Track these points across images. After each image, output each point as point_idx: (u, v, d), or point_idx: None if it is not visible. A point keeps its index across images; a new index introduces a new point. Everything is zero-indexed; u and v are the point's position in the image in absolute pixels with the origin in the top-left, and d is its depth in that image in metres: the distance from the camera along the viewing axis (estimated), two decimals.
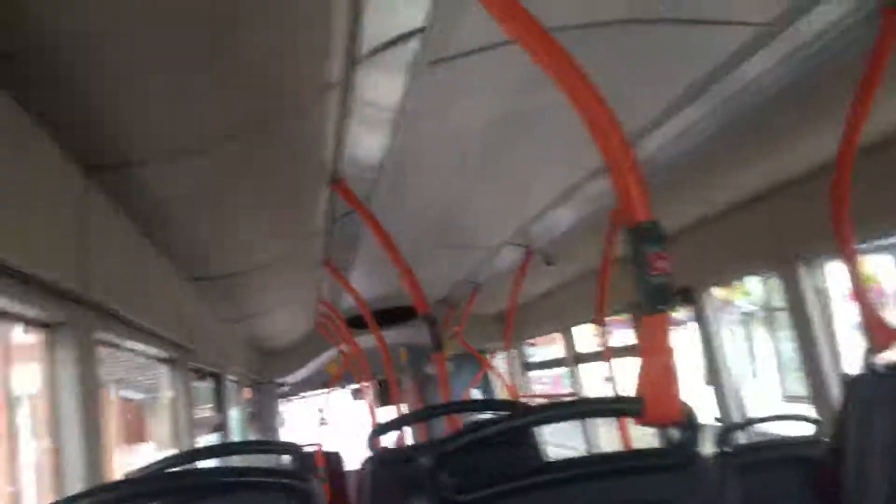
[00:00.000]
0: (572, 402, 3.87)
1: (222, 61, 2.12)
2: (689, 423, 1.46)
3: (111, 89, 2.11)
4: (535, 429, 3.10)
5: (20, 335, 2.41)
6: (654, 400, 1.45)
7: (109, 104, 2.16)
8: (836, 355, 4.24)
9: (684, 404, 1.46)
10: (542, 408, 2.70)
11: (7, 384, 2.71)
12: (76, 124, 2.15)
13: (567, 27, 2.59)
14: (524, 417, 1.70)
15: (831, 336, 4.26)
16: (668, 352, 1.48)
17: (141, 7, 1.74)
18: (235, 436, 6.94)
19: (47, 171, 2.17)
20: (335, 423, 10.82)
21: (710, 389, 5.23)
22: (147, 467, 2.51)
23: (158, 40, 1.92)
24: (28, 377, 2.57)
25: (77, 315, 2.40)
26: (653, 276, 1.46)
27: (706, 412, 5.08)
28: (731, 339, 6.27)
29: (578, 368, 8.15)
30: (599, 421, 7.91)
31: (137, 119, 2.32)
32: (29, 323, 2.34)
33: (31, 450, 2.66)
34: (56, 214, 2.25)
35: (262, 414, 9.83)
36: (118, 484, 1.96)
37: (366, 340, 8.20)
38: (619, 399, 1.70)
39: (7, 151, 1.88)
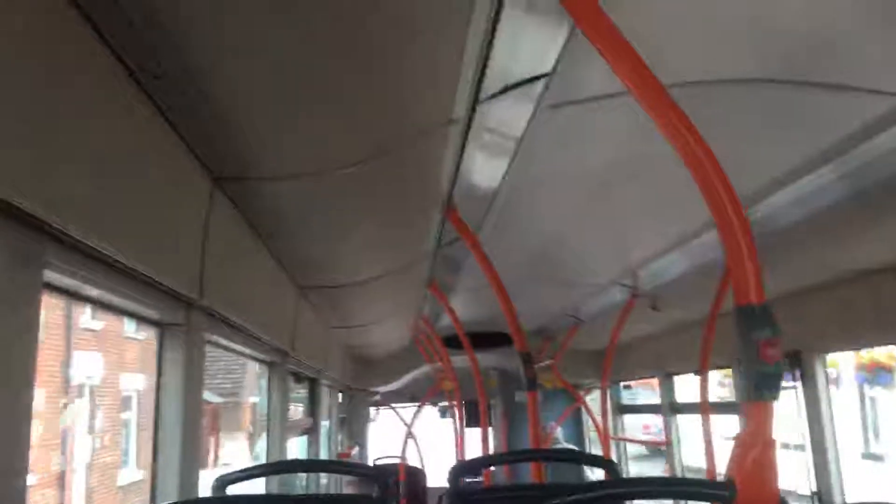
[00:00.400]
0: (661, 480, 3.75)
1: (351, 90, 2.20)
2: None
3: (244, 107, 2.21)
4: None
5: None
6: (748, 489, 1.40)
7: (241, 121, 2.27)
8: None
9: (781, 498, 1.40)
10: (635, 481, 2.61)
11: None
12: (209, 138, 2.27)
13: (689, 83, 2.55)
14: (620, 487, 1.67)
15: None
16: (768, 441, 1.42)
17: (278, 35, 1.83)
18: (324, 441, 7.09)
19: (179, 179, 2.30)
20: (422, 437, 10.87)
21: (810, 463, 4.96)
22: (239, 472, 2.59)
23: (292, 65, 2.00)
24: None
25: (190, 317, 2.52)
26: (761, 364, 1.40)
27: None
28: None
29: (675, 418, 7.90)
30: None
31: (266, 137, 2.43)
32: (143, 321, 2.48)
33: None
34: (183, 221, 2.38)
35: (352, 421, 10.00)
36: (216, 500, 2.04)
37: (458, 362, 8.24)
38: (710, 484, 1.64)
39: (145, 159, 2.00)
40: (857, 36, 2.38)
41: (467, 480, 3.15)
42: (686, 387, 7.96)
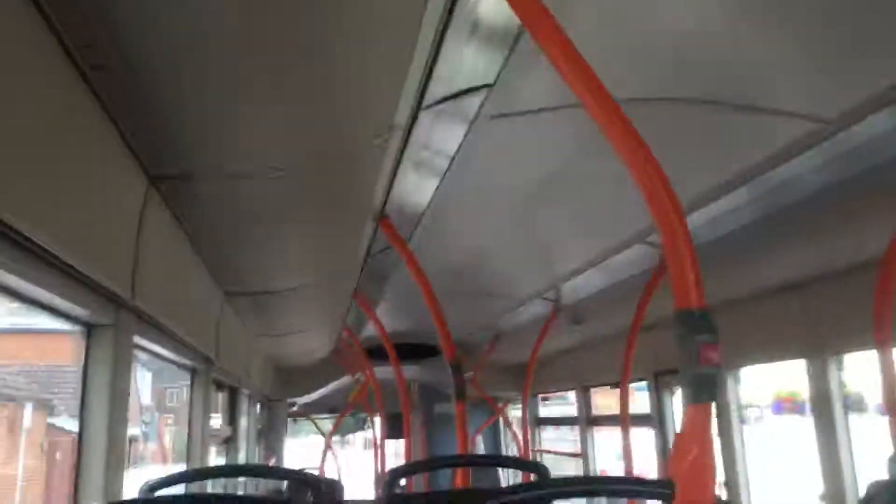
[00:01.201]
0: (601, 479, 3.83)
1: (294, 93, 2.19)
2: None
3: (184, 106, 2.18)
4: None
5: None
6: (687, 488, 1.46)
7: (180, 119, 2.23)
8: (852, 454, 4.17)
9: (717, 497, 1.46)
10: (576, 480, 2.68)
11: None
12: (147, 134, 2.23)
13: (630, 99, 2.64)
14: (551, 487, 1.71)
15: (848, 433, 4.20)
16: (706, 442, 1.48)
17: (222, 34, 1.82)
18: (243, 450, 6.95)
19: (115, 175, 2.24)
20: (338, 450, 10.77)
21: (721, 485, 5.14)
22: (167, 477, 2.54)
23: (234, 66, 1.99)
24: None
25: (120, 318, 2.45)
26: (700, 367, 1.47)
27: None
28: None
29: (591, 430, 8.07)
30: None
31: (204, 137, 2.39)
32: (70, 320, 2.40)
33: None
34: (117, 218, 2.32)
35: (270, 431, 9.83)
36: (144, 500, 2.00)
37: (380, 373, 8.22)
38: (650, 482, 1.71)
39: (81, 152, 1.95)
40: (779, 62, 2.52)
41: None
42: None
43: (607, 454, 8.21)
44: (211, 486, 4.38)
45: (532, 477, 3.20)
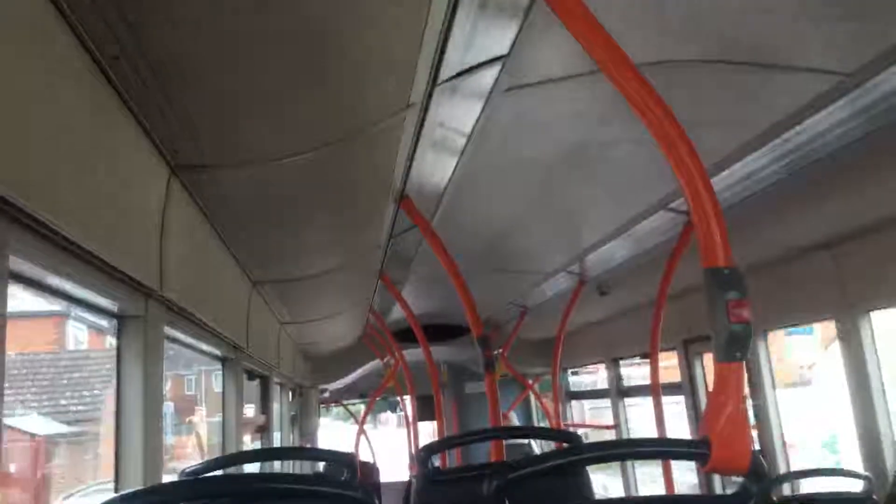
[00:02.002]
0: (637, 441, 3.83)
1: (309, 76, 2.19)
2: (756, 472, 1.45)
3: (202, 94, 2.19)
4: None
5: None
6: (722, 447, 1.45)
7: (199, 108, 2.24)
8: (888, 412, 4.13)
9: (754, 453, 1.46)
10: (608, 444, 2.69)
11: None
12: (167, 124, 2.24)
13: (648, 63, 2.62)
14: (592, 451, 1.71)
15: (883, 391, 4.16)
16: (739, 399, 1.47)
17: (236, 21, 1.82)
18: (277, 437, 7.03)
19: (138, 167, 2.26)
20: (372, 433, 10.86)
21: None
22: (201, 465, 2.57)
23: (249, 53, 1.99)
24: None
25: (150, 309, 2.48)
26: (731, 324, 1.46)
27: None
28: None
29: (623, 401, 8.06)
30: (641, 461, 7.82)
31: (223, 124, 2.40)
32: (102, 312, 2.43)
33: None
34: (141, 209, 2.34)
35: (304, 417, 9.93)
36: (181, 483, 2.03)
37: (409, 355, 8.26)
38: (686, 443, 1.70)
39: (105, 146, 1.97)
40: (796, 17, 2.48)
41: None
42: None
43: (644, 426, 8.20)
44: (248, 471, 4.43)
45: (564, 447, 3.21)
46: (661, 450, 1.73)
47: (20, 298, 1.91)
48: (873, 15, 2.38)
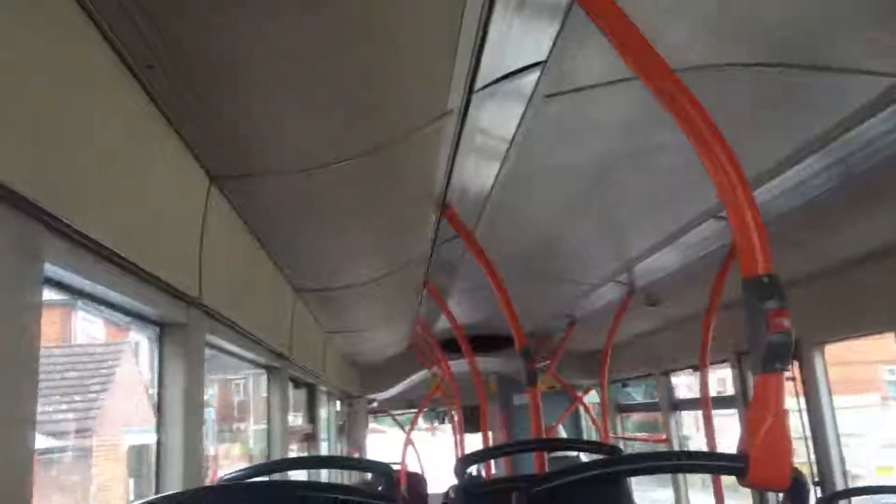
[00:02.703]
0: (672, 454, 3.74)
1: (347, 83, 2.19)
2: (797, 489, 1.39)
3: (240, 103, 2.20)
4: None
5: None
6: (761, 461, 1.39)
7: (237, 116, 2.26)
8: None
9: (795, 469, 1.39)
10: (640, 456, 2.62)
11: None
12: (205, 133, 2.26)
13: (691, 67, 2.56)
14: (621, 464, 1.66)
15: None
16: (780, 412, 1.41)
17: (273, 29, 1.82)
18: (325, 447, 7.07)
19: (176, 176, 2.28)
20: (420, 444, 10.84)
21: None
22: (241, 472, 2.58)
23: (287, 60, 1.99)
24: None
25: (191, 317, 2.50)
26: (770, 334, 1.40)
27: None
28: None
29: (676, 414, 7.91)
30: (693, 476, 7.65)
31: (262, 132, 2.42)
32: (143, 320, 2.46)
33: None
34: (181, 218, 2.36)
35: (351, 427, 9.97)
36: (226, 486, 2.04)
37: (456, 366, 8.23)
38: (722, 456, 1.64)
39: (143, 155, 1.99)
40: (846, 18, 2.39)
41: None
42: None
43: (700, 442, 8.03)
44: None
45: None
46: (697, 463, 1.67)
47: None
48: None
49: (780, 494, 1.47)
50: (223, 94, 2.10)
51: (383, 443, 13.76)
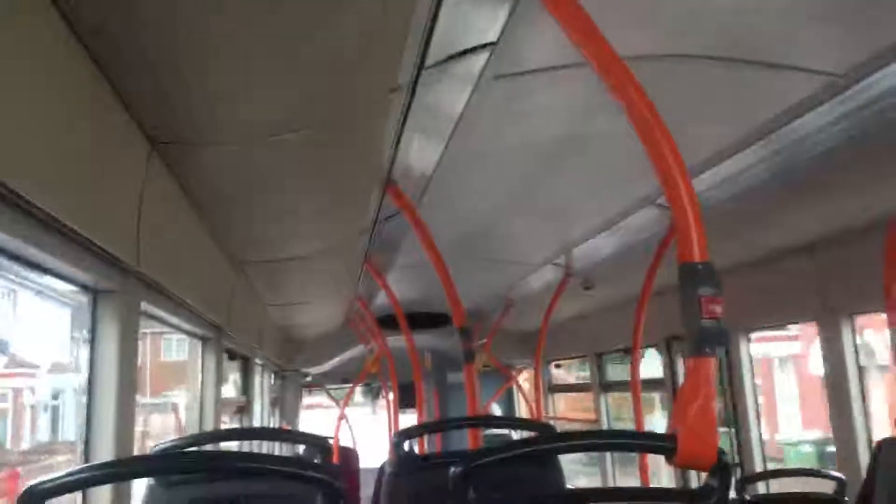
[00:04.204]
0: (604, 433, 3.83)
1: (294, 54, 2.16)
2: (721, 468, 1.45)
3: (184, 69, 2.16)
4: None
5: None
6: (689, 442, 1.45)
7: (181, 83, 2.21)
8: (866, 415, 4.16)
9: (720, 450, 1.45)
10: (576, 434, 2.69)
11: None
12: (147, 98, 2.21)
13: (638, 56, 2.60)
14: (556, 441, 1.70)
15: (862, 394, 4.18)
16: (709, 395, 1.47)
17: None
18: (258, 419, 7.02)
19: (116, 140, 2.23)
20: (352, 419, 10.86)
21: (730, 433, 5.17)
22: (174, 442, 2.56)
23: (234, 28, 1.96)
24: None
25: (125, 284, 2.46)
26: (703, 319, 1.45)
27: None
28: None
29: (606, 396, 8.10)
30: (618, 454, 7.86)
31: (206, 101, 2.37)
32: (76, 285, 2.41)
33: None
34: (119, 184, 2.31)
35: (285, 401, 9.92)
36: (159, 456, 2.02)
37: (392, 342, 8.26)
38: (652, 435, 1.70)
39: (82, 115, 1.94)
40: (790, 15, 2.47)
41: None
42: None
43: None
44: None
45: None
46: (628, 442, 1.73)
47: None
48: (865, 16, 2.37)
49: (702, 475, 1.53)
50: (167, 60, 2.05)
51: (319, 419, 13.71)
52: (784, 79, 2.70)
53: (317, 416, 13.05)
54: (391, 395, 9.50)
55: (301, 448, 7.85)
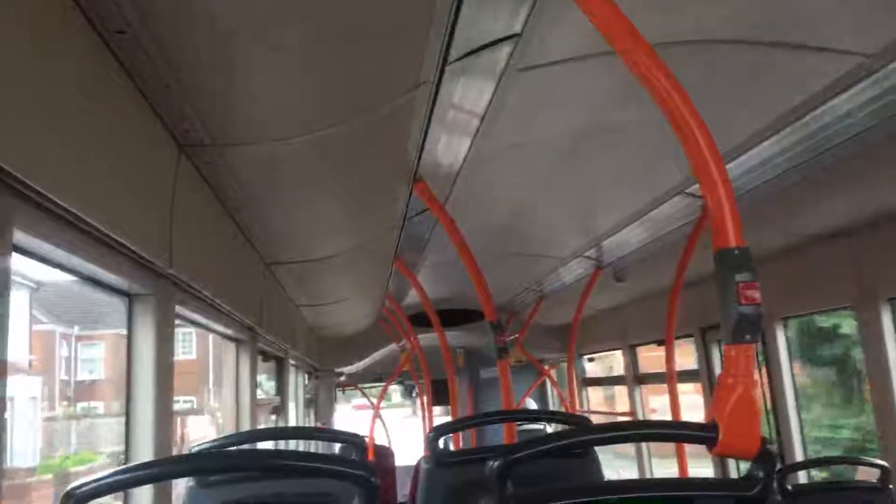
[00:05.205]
0: (644, 423, 3.79)
1: (320, 53, 2.16)
2: (765, 457, 1.42)
3: (211, 71, 2.17)
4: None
5: None
6: (731, 430, 1.42)
7: (205, 85, 2.22)
8: None
9: (763, 438, 1.43)
10: (615, 426, 2.67)
11: None
12: (175, 102, 2.22)
13: (665, 43, 2.56)
14: (596, 433, 1.69)
15: None
16: (749, 382, 1.45)
17: None
18: (293, 419, 7.07)
19: (145, 144, 2.24)
20: (387, 417, 10.91)
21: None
22: (213, 442, 2.58)
23: (260, 29, 1.97)
24: None
25: (159, 287, 2.48)
26: (741, 305, 1.43)
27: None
28: None
29: (640, 388, 8.04)
30: (655, 445, 7.80)
31: (233, 102, 2.39)
32: (111, 290, 2.43)
33: None
34: (150, 187, 2.33)
35: (319, 401, 9.98)
36: (199, 456, 2.03)
37: (424, 340, 8.27)
38: (692, 425, 1.67)
39: (110, 120, 1.95)
40: None
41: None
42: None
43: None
44: None
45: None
46: (668, 432, 1.71)
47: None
48: None
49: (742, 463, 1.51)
50: (194, 62, 2.06)
51: (355, 419, 13.78)
52: (815, 60, 2.65)
53: (366, 416, 13.10)
54: (424, 394, 9.52)
55: (337, 447, 7.89)
